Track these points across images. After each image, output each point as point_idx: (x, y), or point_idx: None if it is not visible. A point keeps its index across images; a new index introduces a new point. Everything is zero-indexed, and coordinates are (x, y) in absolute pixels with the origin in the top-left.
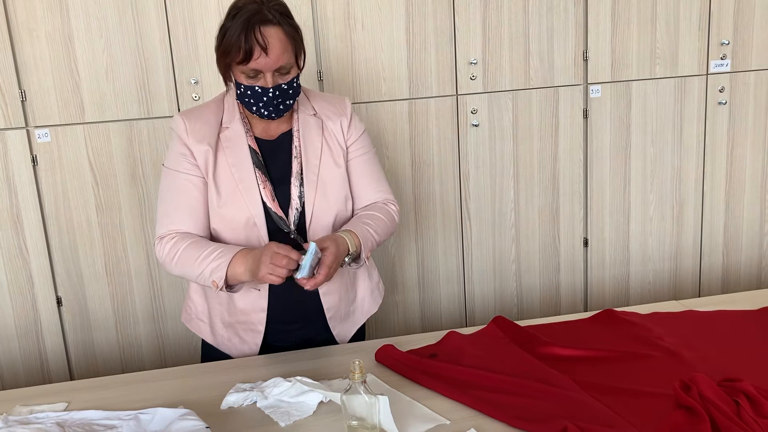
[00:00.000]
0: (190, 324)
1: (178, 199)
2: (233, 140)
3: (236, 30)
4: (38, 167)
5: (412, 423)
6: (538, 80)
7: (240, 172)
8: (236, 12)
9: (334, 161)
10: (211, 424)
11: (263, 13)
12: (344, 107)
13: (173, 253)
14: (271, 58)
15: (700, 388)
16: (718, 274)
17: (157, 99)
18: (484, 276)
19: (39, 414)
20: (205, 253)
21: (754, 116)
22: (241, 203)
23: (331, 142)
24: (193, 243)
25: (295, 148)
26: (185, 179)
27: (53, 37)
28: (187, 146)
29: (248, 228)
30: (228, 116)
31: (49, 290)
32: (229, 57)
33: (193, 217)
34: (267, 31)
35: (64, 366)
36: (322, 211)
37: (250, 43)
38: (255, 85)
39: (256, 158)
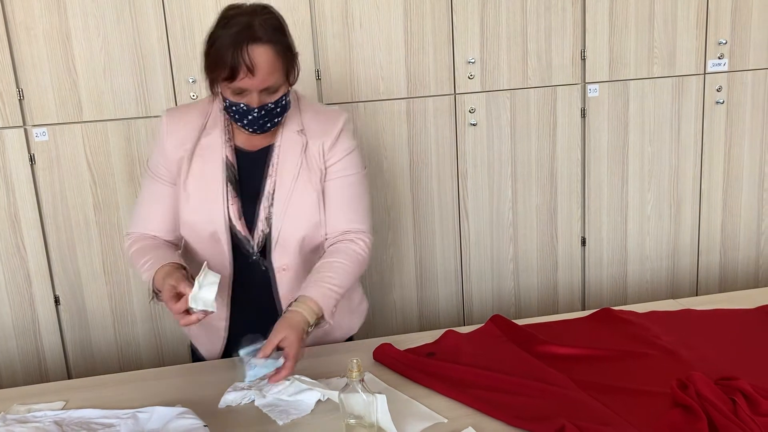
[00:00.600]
0: None
1: (149, 203)
2: (210, 149)
3: (223, 44)
4: (36, 166)
5: (410, 421)
6: (535, 79)
7: (210, 184)
8: (226, 21)
9: (310, 184)
10: (209, 422)
11: (254, 29)
12: (333, 126)
13: (129, 253)
14: (257, 79)
15: (697, 387)
16: (716, 272)
17: (155, 98)
18: (481, 275)
19: (37, 413)
20: (144, 260)
21: (752, 115)
22: (205, 216)
23: (311, 164)
24: (140, 248)
25: (271, 165)
26: (158, 185)
27: (51, 36)
28: (165, 148)
29: (212, 242)
30: (212, 121)
31: (46, 289)
32: (214, 71)
33: (159, 221)
34: (255, 51)
35: (62, 365)
36: (288, 235)
37: (236, 63)
38: (240, 102)
39: (230, 172)
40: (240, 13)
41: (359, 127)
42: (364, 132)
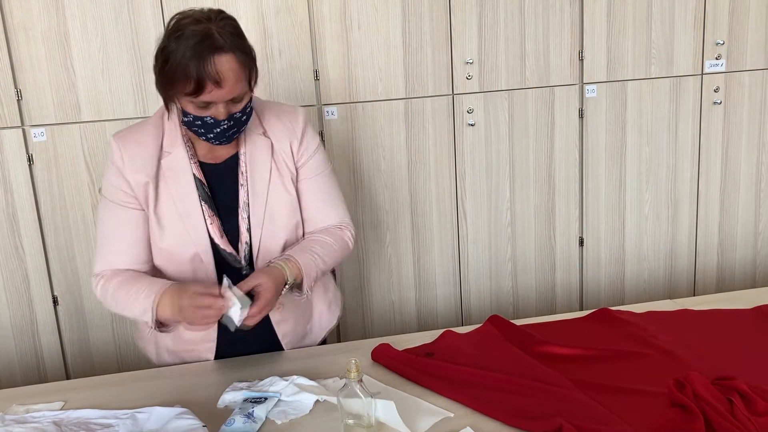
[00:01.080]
0: (139, 342)
1: (115, 233)
2: (176, 169)
3: (184, 57)
4: (34, 166)
5: (418, 418)
6: (533, 80)
7: (184, 206)
8: (179, 32)
9: (284, 187)
10: (208, 422)
11: (214, 38)
12: (296, 124)
13: (105, 293)
14: (224, 90)
15: (694, 387)
16: (713, 273)
17: (153, 98)
18: (480, 275)
19: (35, 413)
20: (132, 292)
21: (749, 116)
22: (185, 239)
23: (281, 166)
24: (122, 282)
25: (241, 174)
26: (122, 212)
27: (49, 36)
28: (123, 176)
29: (194, 263)
30: (169, 139)
31: (45, 289)
32: (174, 87)
33: (132, 252)
34: (220, 61)
35: (61, 365)
36: (270, 242)
37: (202, 76)
38: (205, 116)
39: (202, 190)
40: (193, 21)
41: (358, 127)
42: (363, 132)
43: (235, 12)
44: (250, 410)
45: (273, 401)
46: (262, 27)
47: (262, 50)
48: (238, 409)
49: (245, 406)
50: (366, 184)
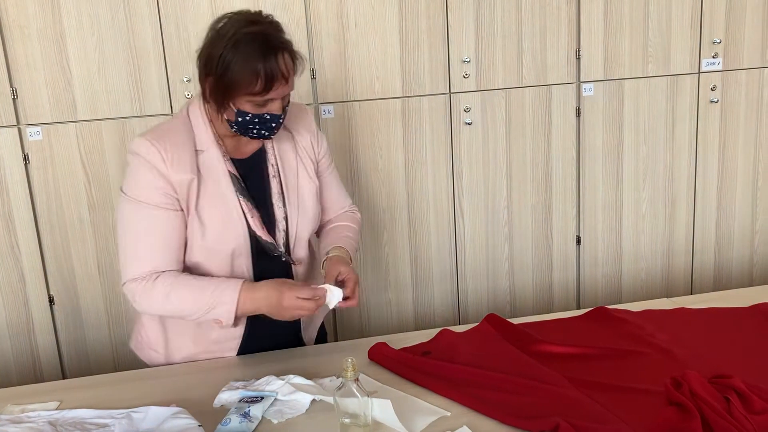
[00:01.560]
0: (140, 352)
1: (155, 233)
2: (211, 167)
3: (251, 59)
4: (30, 165)
5: (415, 418)
6: (530, 78)
7: (224, 203)
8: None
9: (308, 176)
10: (204, 422)
11: (273, 38)
12: (308, 119)
13: (164, 294)
14: (289, 86)
15: (691, 385)
16: (710, 271)
17: (149, 97)
18: (477, 274)
19: (31, 413)
20: (203, 292)
21: (746, 114)
22: (227, 235)
23: (304, 158)
24: (184, 281)
25: (272, 166)
26: (160, 214)
27: (45, 35)
28: (166, 177)
29: (233, 257)
30: (201, 138)
31: (41, 289)
32: (240, 89)
33: (170, 254)
34: (283, 59)
35: (57, 365)
36: (303, 229)
37: (272, 74)
38: (264, 113)
39: (238, 184)
40: (244, 24)
41: (355, 125)
42: (360, 131)
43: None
44: (246, 410)
45: (269, 400)
46: None
47: None
48: (234, 408)
49: (241, 405)
50: (363, 183)
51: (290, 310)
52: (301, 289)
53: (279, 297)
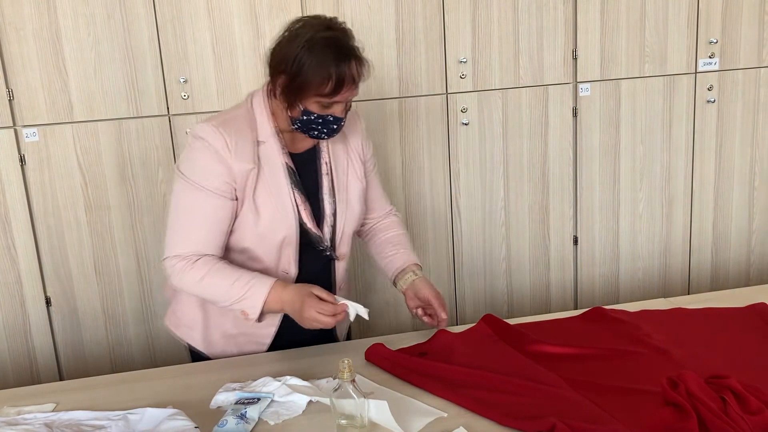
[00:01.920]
0: (177, 330)
1: (206, 217)
2: (270, 158)
3: (324, 62)
4: (26, 167)
5: (412, 418)
6: (527, 79)
7: (279, 193)
8: (309, 42)
9: (357, 177)
10: (201, 423)
11: (346, 45)
12: (360, 123)
13: (199, 276)
14: (356, 91)
15: (687, 385)
16: (707, 271)
17: (146, 98)
18: (474, 274)
19: (27, 415)
20: (236, 282)
21: (743, 114)
22: (279, 224)
23: (354, 159)
24: (220, 269)
25: (325, 164)
26: (215, 200)
27: (41, 36)
28: (227, 164)
29: (282, 246)
30: (262, 130)
31: (38, 290)
32: (310, 89)
33: (216, 239)
34: (353, 65)
35: (54, 366)
36: (348, 225)
37: (343, 78)
38: (328, 114)
39: (292, 176)
40: (320, 29)
41: None
42: None
43: (228, 9)
44: (243, 411)
45: (266, 402)
46: (255, 26)
47: (255, 50)
48: (230, 409)
49: (238, 406)
50: None
51: (308, 320)
52: (324, 305)
53: (301, 306)
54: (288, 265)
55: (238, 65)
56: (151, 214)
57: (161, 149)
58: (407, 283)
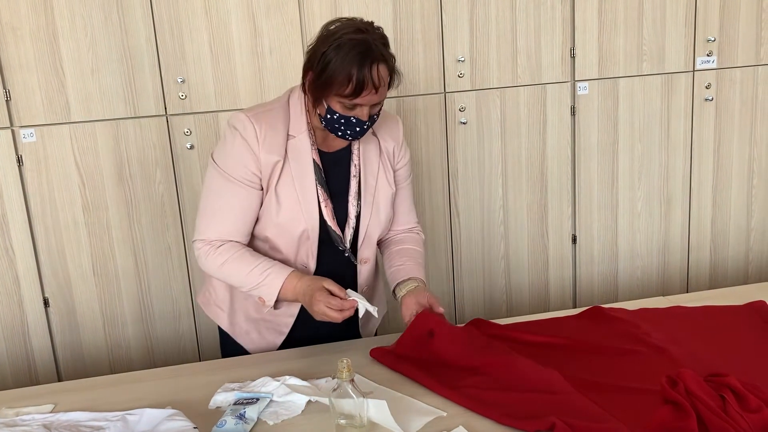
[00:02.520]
0: (207, 308)
1: (232, 207)
2: (299, 152)
3: (347, 63)
4: (24, 167)
5: (411, 417)
6: (525, 77)
7: (302, 187)
8: (338, 42)
9: (387, 182)
10: (199, 424)
11: (374, 48)
12: (398, 129)
13: (220, 261)
14: (378, 96)
15: (686, 384)
16: (706, 269)
17: (143, 98)
18: (473, 273)
19: (25, 416)
20: (254, 269)
21: (741, 112)
22: (299, 217)
23: (385, 164)
24: (241, 255)
25: (354, 166)
26: (243, 188)
27: (38, 36)
28: (255, 154)
29: (302, 240)
30: (295, 124)
31: (35, 291)
32: (332, 88)
33: (240, 227)
34: (378, 69)
35: (52, 367)
36: (373, 230)
37: (364, 81)
38: (351, 116)
39: (319, 174)
40: (352, 31)
41: None
42: None
43: (225, 9)
44: (242, 411)
45: (265, 402)
46: (253, 25)
47: (253, 49)
48: (229, 409)
49: (237, 407)
50: None
51: (317, 313)
52: (332, 299)
53: (311, 299)
54: (307, 258)
55: (235, 65)
56: (149, 214)
57: (159, 149)
58: (407, 289)
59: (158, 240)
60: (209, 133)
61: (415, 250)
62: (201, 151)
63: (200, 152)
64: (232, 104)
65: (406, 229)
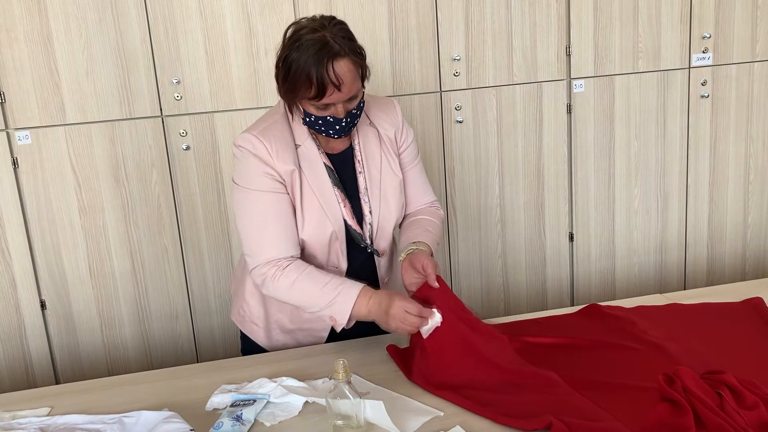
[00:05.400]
0: (243, 326)
1: (271, 217)
2: (310, 159)
3: (305, 65)
4: (19, 170)
5: (408, 417)
6: (521, 76)
7: (322, 191)
8: (298, 42)
9: (392, 171)
10: (196, 425)
11: (330, 45)
12: (395, 113)
13: (291, 281)
14: (344, 93)
15: (683, 381)
16: (703, 266)
17: (138, 99)
18: (470, 272)
19: (21, 419)
20: (324, 287)
21: (737, 109)
22: (325, 222)
23: (388, 152)
24: (309, 273)
25: (358, 162)
26: (273, 196)
27: (32, 38)
28: (272, 166)
29: (332, 242)
30: (298, 133)
31: (32, 293)
32: (298, 93)
33: (289, 234)
34: (338, 66)
35: (50, 370)
36: (385, 222)
37: (323, 81)
38: (326, 116)
39: (332, 175)
40: (309, 30)
41: None
42: None
43: (220, 10)
44: (239, 413)
45: (261, 403)
46: (247, 25)
47: (247, 49)
48: (226, 411)
49: (233, 408)
50: None
51: (395, 319)
52: (411, 304)
53: (389, 304)
54: (337, 259)
55: (231, 65)
56: (146, 216)
57: (155, 150)
58: (406, 253)
59: (155, 241)
60: (205, 133)
61: (425, 219)
62: (197, 152)
63: (196, 153)
64: (228, 105)
65: (423, 207)
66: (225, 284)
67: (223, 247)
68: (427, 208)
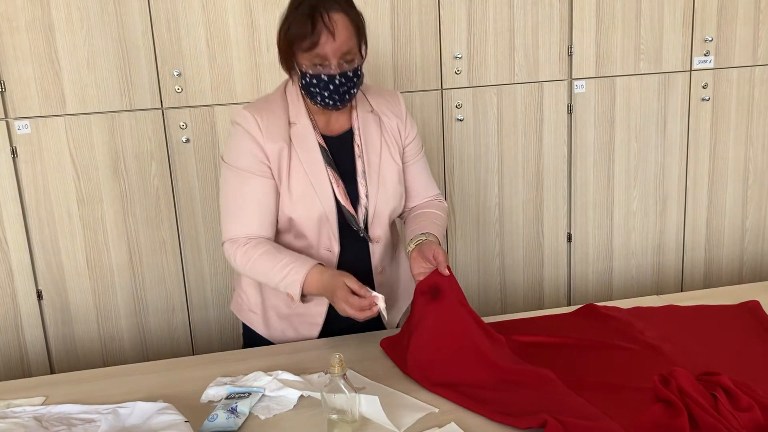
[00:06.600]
0: (240, 315)
1: (249, 201)
2: (303, 137)
3: (302, 17)
4: (18, 159)
5: (403, 413)
6: (522, 75)
7: (312, 170)
8: (299, 3)
9: (392, 158)
10: (191, 417)
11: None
12: (398, 104)
13: (246, 260)
14: (338, 43)
15: (678, 383)
16: (701, 269)
17: (139, 91)
18: (468, 271)
19: (16, 408)
20: (278, 265)
21: (737, 113)
22: (314, 201)
23: (389, 140)
24: (266, 253)
25: (357, 146)
26: (256, 181)
27: (33, 27)
28: (260, 145)
29: (321, 223)
30: (294, 111)
31: (29, 283)
32: (294, 45)
33: (263, 220)
34: (333, 16)
35: (45, 360)
36: (382, 207)
37: (318, 28)
38: (321, 74)
39: (325, 155)
40: None
41: None
42: None
43: (222, 3)
44: (234, 405)
45: (257, 396)
46: (250, 20)
47: (250, 44)
48: (221, 404)
49: (228, 401)
50: None
51: (340, 311)
52: (353, 298)
53: (332, 295)
54: (329, 242)
55: (232, 58)
56: (144, 208)
57: (154, 142)
58: (415, 243)
59: (153, 233)
60: (205, 126)
61: (432, 212)
62: (196, 144)
63: (196, 146)
64: (229, 98)
65: (427, 201)
66: (222, 277)
67: (220, 241)
68: (433, 201)
